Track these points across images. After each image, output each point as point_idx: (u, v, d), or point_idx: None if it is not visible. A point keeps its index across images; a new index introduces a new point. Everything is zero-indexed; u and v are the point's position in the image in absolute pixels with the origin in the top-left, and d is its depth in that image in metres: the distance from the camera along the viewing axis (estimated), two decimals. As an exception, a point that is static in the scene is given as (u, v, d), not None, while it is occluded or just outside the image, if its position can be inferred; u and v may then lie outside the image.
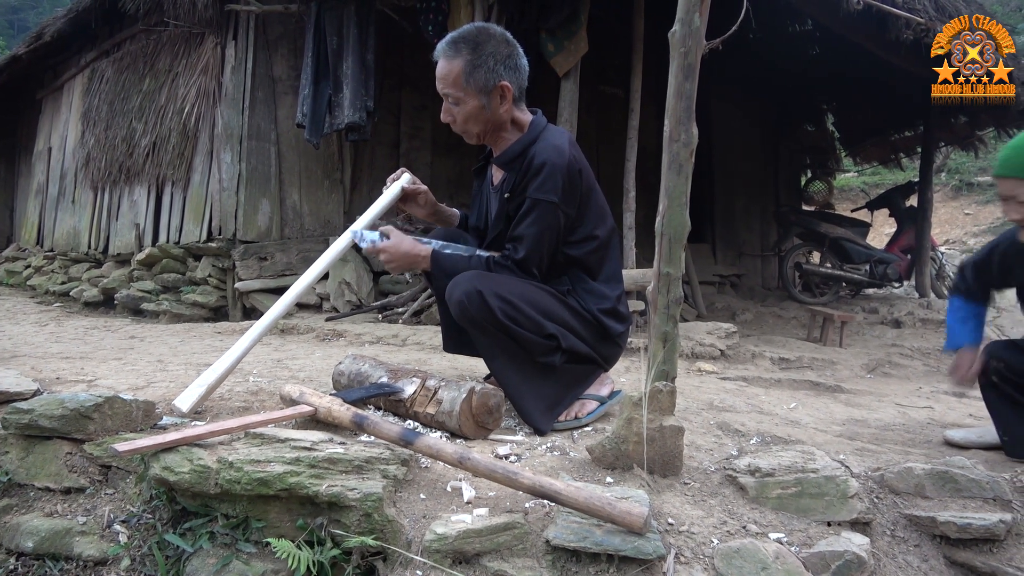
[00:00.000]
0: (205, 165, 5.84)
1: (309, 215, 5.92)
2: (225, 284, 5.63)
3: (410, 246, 2.19)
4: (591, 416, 2.26)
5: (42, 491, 1.85)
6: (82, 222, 7.58)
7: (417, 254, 2.19)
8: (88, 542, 1.72)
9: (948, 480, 1.84)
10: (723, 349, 4.18)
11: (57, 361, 2.88)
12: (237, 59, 5.67)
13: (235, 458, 1.61)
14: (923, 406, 3.26)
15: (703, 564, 1.50)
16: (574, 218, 2.18)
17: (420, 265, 2.21)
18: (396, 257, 2.19)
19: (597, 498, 1.47)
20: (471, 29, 2.16)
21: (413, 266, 2.23)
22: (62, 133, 8.38)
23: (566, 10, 4.72)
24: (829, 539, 1.60)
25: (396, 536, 1.52)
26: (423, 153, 6.50)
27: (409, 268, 2.24)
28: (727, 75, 7.43)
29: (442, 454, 1.65)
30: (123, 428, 1.89)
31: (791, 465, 1.80)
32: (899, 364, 4.72)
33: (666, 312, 1.84)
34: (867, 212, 8.61)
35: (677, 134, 1.80)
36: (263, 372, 2.76)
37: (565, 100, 4.75)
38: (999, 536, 1.72)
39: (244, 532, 1.62)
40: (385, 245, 2.18)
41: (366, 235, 2.21)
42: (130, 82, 6.88)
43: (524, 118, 2.23)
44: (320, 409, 1.92)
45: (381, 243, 2.19)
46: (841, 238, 7.52)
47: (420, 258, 2.20)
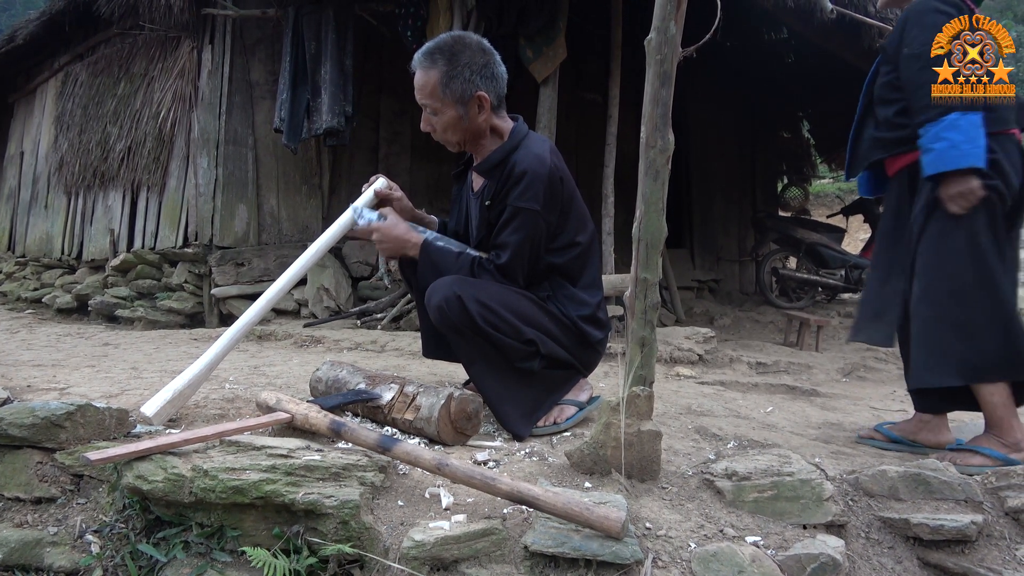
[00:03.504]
0: (181, 170, 5.78)
1: (287, 220, 5.88)
2: (201, 290, 5.58)
3: (404, 230, 2.21)
4: (570, 421, 2.27)
5: (12, 501, 1.81)
6: (55, 227, 7.46)
7: (408, 239, 2.21)
8: (60, 553, 1.69)
9: (921, 482, 1.87)
10: (701, 354, 4.21)
11: (28, 369, 2.83)
12: (214, 63, 5.62)
13: (210, 466, 1.59)
14: (897, 409, 3.31)
15: (681, 568, 1.50)
16: (556, 225, 2.19)
17: (410, 251, 2.22)
18: (388, 239, 2.20)
19: (575, 503, 1.48)
20: (447, 39, 2.17)
21: (403, 250, 2.23)
22: (35, 137, 8.25)
23: (544, 16, 4.74)
24: (805, 542, 1.61)
25: (373, 543, 1.52)
26: (402, 158, 6.48)
27: (399, 252, 2.24)
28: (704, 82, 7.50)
29: (420, 460, 1.65)
30: (96, 437, 1.86)
31: (767, 469, 1.82)
32: (874, 368, 4.77)
33: (644, 317, 1.85)
34: (842, 218, 8.72)
35: (654, 140, 1.81)
36: (239, 379, 2.73)
37: (544, 106, 4.76)
38: (971, 537, 1.74)
39: (219, 541, 1.60)
40: (380, 224, 2.21)
41: (364, 212, 2.25)
42: (105, 86, 6.80)
43: (504, 125, 2.24)
44: (297, 416, 1.91)
45: (377, 222, 2.21)
46: (817, 243, 7.61)
47: (411, 244, 2.21)
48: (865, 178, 2.49)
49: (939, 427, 2.38)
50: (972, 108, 2.08)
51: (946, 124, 2.09)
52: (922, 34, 2.18)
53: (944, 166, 2.10)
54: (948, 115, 2.09)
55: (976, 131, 2.08)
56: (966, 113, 2.08)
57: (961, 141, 2.07)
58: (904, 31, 2.24)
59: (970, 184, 2.09)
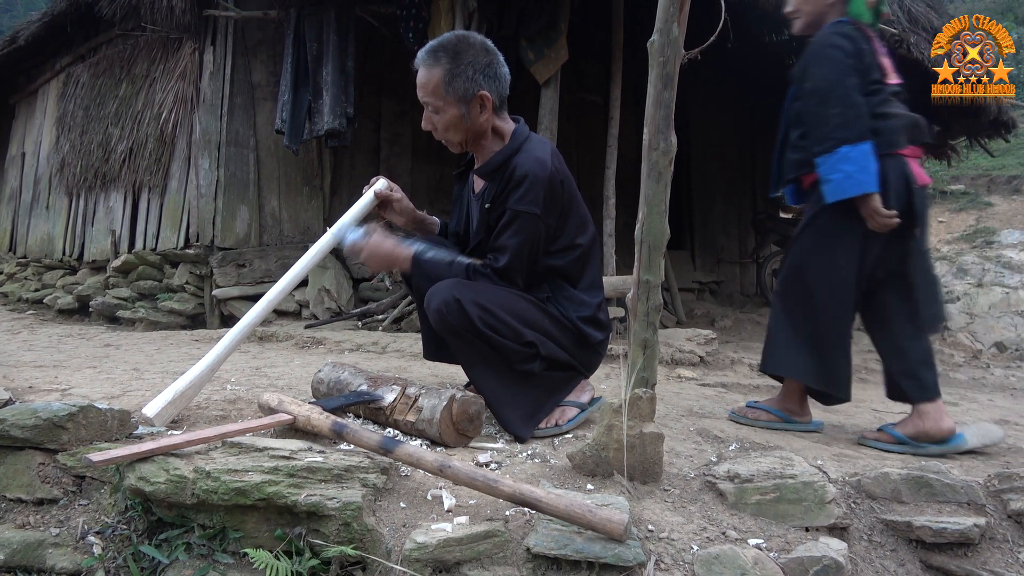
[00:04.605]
0: (183, 171, 5.78)
1: (288, 222, 5.88)
2: (203, 291, 5.58)
3: (391, 246, 2.19)
4: (571, 423, 2.26)
5: (14, 502, 1.81)
6: (56, 228, 7.47)
7: (398, 255, 2.19)
8: (62, 554, 1.68)
9: (923, 485, 1.86)
10: (703, 356, 4.21)
11: (30, 370, 2.83)
12: (215, 65, 5.63)
13: (212, 468, 1.59)
14: (899, 412, 3.30)
15: (683, 570, 1.50)
16: (556, 228, 2.19)
17: (400, 266, 2.21)
18: (376, 256, 2.18)
19: (577, 505, 1.47)
20: (451, 38, 2.16)
21: (392, 266, 2.22)
22: (36, 138, 8.26)
23: (546, 18, 4.74)
24: (807, 544, 1.61)
25: (376, 545, 1.51)
26: (403, 160, 6.48)
27: (388, 268, 2.24)
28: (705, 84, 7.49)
29: (422, 462, 1.65)
30: (98, 438, 1.86)
31: (770, 471, 1.81)
32: (875, 370, 4.77)
33: (646, 319, 1.85)
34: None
35: (656, 142, 1.81)
36: (241, 380, 2.73)
37: (545, 108, 4.77)
38: (973, 540, 1.74)
39: (221, 543, 1.60)
40: (366, 243, 2.18)
41: (349, 233, 2.21)
42: (106, 87, 6.81)
43: (506, 127, 2.23)
44: (299, 417, 1.91)
45: (363, 241, 2.18)
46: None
47: (400, 259, 2.19)
48: (790, 190, 2.69)
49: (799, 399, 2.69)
50: (862, 139, 2.29)
51: (839, 156, 2.31)
52: (820, 69, 2.38)
53: (843, 194, 2.33)
54: (841, 147, 2.31)
55: (867, 160, 2.30)
56: (856, 144, 2.29)
57: (855, 171, 2.30)
58: (808, 66, 2.44)
59: (873, 203, 2.31)
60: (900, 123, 2.40)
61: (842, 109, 2.31)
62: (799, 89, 2.49)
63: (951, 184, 16.19)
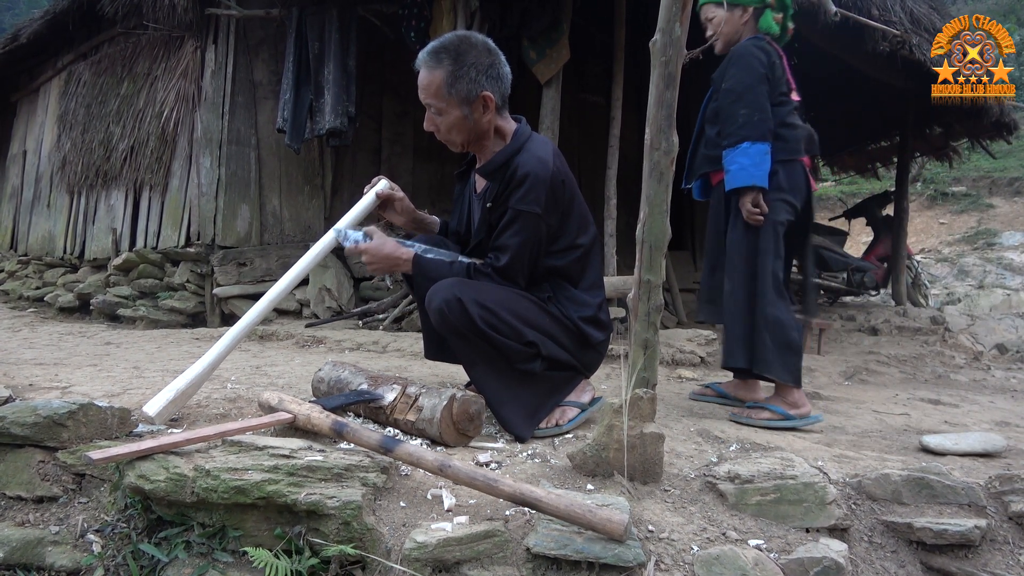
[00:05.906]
0: (184, 170, 5.78)
1: (289, 220, 5.88)
2: (203, 290, 5.58)
3: (392, 248, 2.19)
4: (572, 423, 2.26)
5: (13, 500, 1.81)
6: (57, 226, 7.47)
7: (399, 257, 2.19)
8: (61, 552, 1.68)
9: (924, 486, 1.86)
10: (703, 356, 4.20)
11: (30, 367, 2.83)
12: (217, 63, 5.63)
13: (212, 466, 1.59)
14: (900, 413, 3.30)
15: (683, 571, 1.50)
16: (557, 228, 2.18)
17: (401, 268, 2.20)
18: (378, 258, 2.18)
19: (577, 505, 1.47)
20: (452, 38, 2.16)
21: (394, 268, 2.22)
22: (37, 136, 8.27)
23: (548, 18, 4.74)
24: (808, 545, 1.60)
25: (375, 545, 1.51)
26: (405, 159, 6.48)
27: (390, 270, 2.23)
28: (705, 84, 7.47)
29: (422, 461, 1.64)
30: (98, 436, 1.86)
31: (770, 472, 1.81)
32: (876, 371, 4.77)
33: (647, 319, 1.85)
34: (844, 221, 8.71)
35: (658, 142, 1.81)
36: (241, 379, 2.73)
37: (547, 108, 4.76)
38: (974, 542, 1.74)
39: (221, 541, 1.60)
40: (367, 245, 2.18)
41: (349, 234, 2.21)
42: (108, 85, 6.81)
43: (508, 127, 2.23)
44: (299, 416, 1.91)
45: (364, 243, 2.18)
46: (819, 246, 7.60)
47: (402, 261, 2.19)
48: (698, 185, 2.98)
49: (752, 387, 2.99)
50: (763, 140, 2.57)
51: (740, 151, 2.58)
52: (738, 72, 2.66)
53: (736, 183, 2.60)
54: (742, 143, 2.57)
55: (762, 157, 2.56)
56: (756, 143, 2.56)
57: (749, 165, 2.56)
58: (727, 68, 2.72)
59: (756, 198, 2.58)
60: (801, 134, 2.71)
61: (750, 111, 2.58)
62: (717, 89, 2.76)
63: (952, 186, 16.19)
